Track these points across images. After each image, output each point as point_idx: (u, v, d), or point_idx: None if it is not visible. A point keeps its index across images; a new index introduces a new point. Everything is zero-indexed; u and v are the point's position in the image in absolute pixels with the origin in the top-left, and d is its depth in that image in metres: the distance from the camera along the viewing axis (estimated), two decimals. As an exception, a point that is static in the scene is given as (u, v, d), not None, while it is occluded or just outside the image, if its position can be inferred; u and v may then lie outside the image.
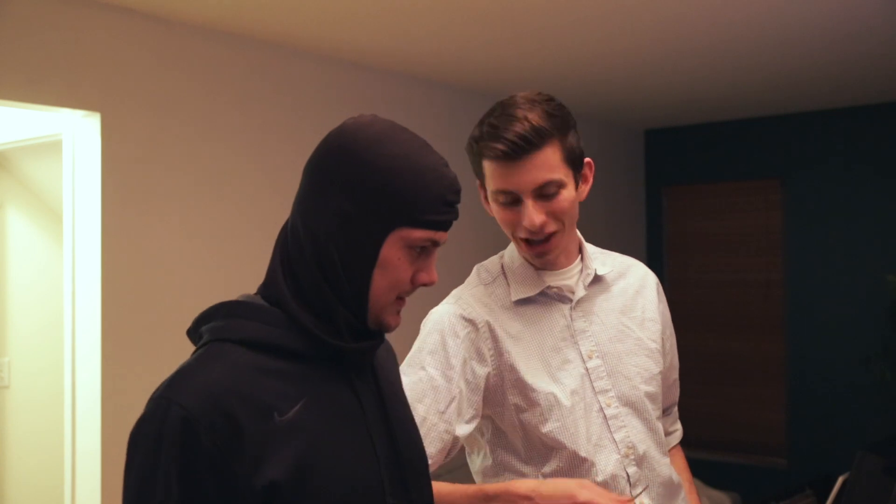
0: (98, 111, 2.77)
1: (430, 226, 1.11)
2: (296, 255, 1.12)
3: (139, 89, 2.88)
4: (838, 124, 4.94)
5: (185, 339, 1.15)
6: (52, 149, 3.10)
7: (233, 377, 1.04)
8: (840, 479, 2.50)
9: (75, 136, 2.86)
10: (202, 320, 1.13)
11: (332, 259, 1.09)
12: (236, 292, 1.20)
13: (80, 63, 2.73)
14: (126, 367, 2.81)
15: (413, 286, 1.15)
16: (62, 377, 2.90)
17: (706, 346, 5.35)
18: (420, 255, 1.13)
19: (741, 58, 3.74)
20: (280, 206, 2.01)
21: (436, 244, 1.14)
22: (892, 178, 4.76)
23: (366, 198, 1.08)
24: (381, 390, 1.19)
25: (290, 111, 3.39)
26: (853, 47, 3.58)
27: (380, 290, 1.12)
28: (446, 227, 1.14)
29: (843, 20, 3.20)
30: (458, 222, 1.20)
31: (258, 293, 1.16)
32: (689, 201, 5.52)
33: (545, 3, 2.93)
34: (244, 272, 3.10)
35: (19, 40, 2.58)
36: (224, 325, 1.10)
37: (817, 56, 3.73)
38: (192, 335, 1.16)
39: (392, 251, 1.10)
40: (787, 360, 5.09)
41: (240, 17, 2.98)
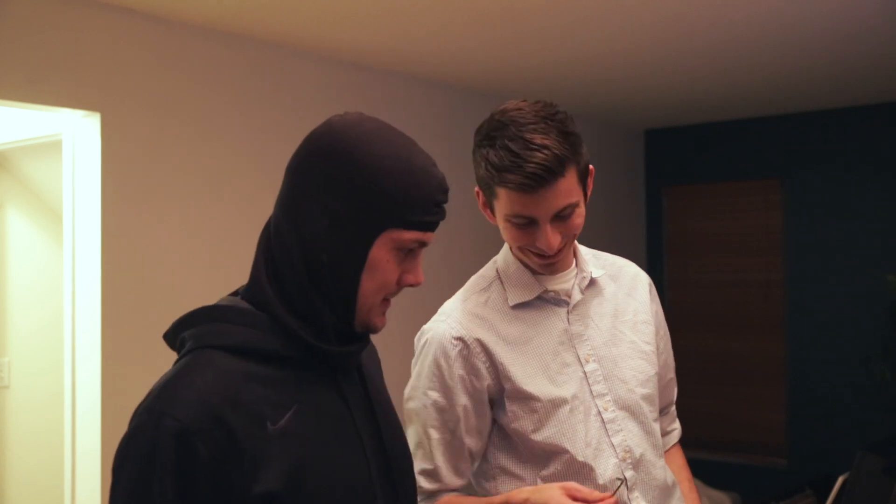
0: (98, 111, 2.77)
1: (421, 227, 1.10)
2: (281, 256, 1.10)
3: (139, 89, 2.88)
4: (838, 124, 4.94)
5: (184, 340, 1.13)
6: (52, 149, 3.10)
7: (223, 385, 1.02)
8: (840, 479, 2.50)
9: (75, 136, 2.86)
10: (182, 325, 1.10)
11: (319, 261, 1.07)
12: (236, 292, 1.19)
13: (80, 63, 2.73)
14: (126, 367, 2.80)
15: (399, 287, 1.14)
16: (62, 377, 2.90)
17: (706, 346, 5.35)
18: (407, 256, 1.12)
19: (741, 58, 3.74)
20: (280, 206, 2.00)
21: (423, 245, 1.13)
22: (892, 178, 4.75)
23: (356, 198, 1.06)
24: (368, 392, 1.18)
25: (290, 111, 3.39)
26: (853, 47, 3.58)
27: (368, 292, 1.10)
28: (434, 227, 1.13)
29: (843, 20, 3.20)
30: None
31: (241, 295, 1.13)
32: (689, 201, 5.52)
33: (545, 3, 2.93)
34: (244, 272, 3.07)
35: (19, 40, 2.58)
36: (208, 330, 1.08)
37: (817, 56, 3.73)
38: (170, 339, 1.13)
39: (381, 252, 1.09)
40: (787, 360, 5.09)
41: (240, 17, 2.98)
